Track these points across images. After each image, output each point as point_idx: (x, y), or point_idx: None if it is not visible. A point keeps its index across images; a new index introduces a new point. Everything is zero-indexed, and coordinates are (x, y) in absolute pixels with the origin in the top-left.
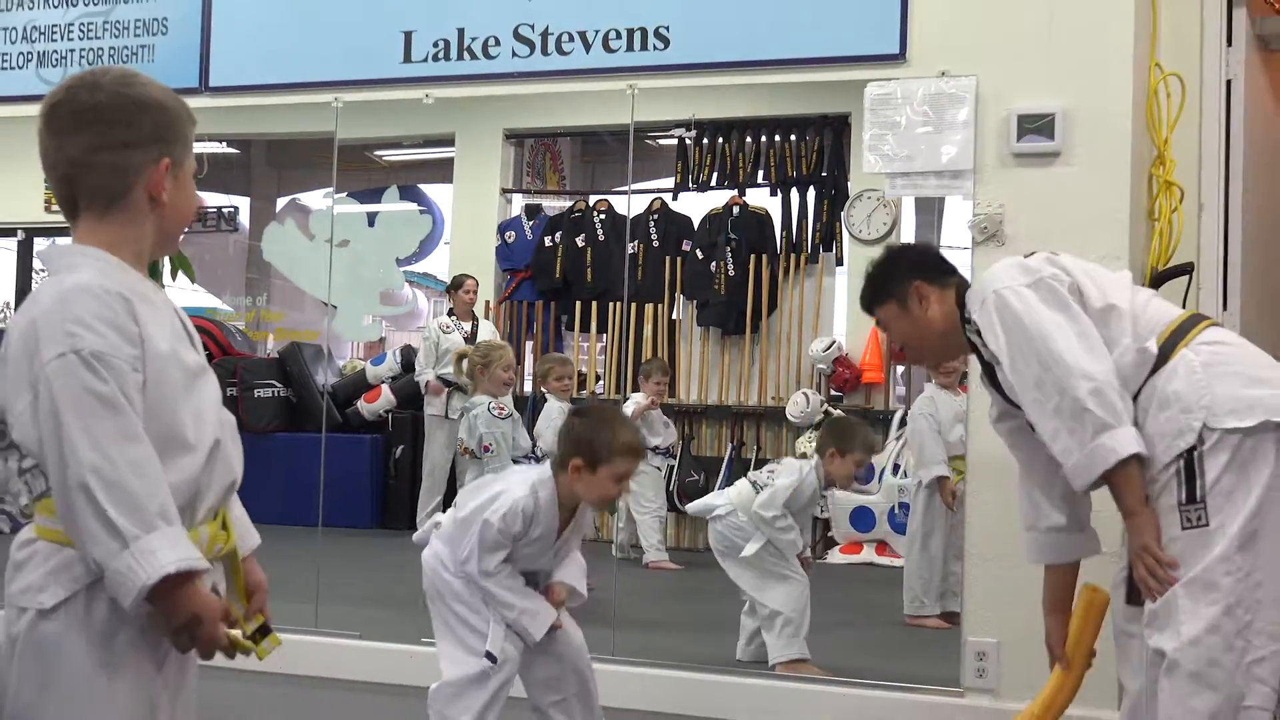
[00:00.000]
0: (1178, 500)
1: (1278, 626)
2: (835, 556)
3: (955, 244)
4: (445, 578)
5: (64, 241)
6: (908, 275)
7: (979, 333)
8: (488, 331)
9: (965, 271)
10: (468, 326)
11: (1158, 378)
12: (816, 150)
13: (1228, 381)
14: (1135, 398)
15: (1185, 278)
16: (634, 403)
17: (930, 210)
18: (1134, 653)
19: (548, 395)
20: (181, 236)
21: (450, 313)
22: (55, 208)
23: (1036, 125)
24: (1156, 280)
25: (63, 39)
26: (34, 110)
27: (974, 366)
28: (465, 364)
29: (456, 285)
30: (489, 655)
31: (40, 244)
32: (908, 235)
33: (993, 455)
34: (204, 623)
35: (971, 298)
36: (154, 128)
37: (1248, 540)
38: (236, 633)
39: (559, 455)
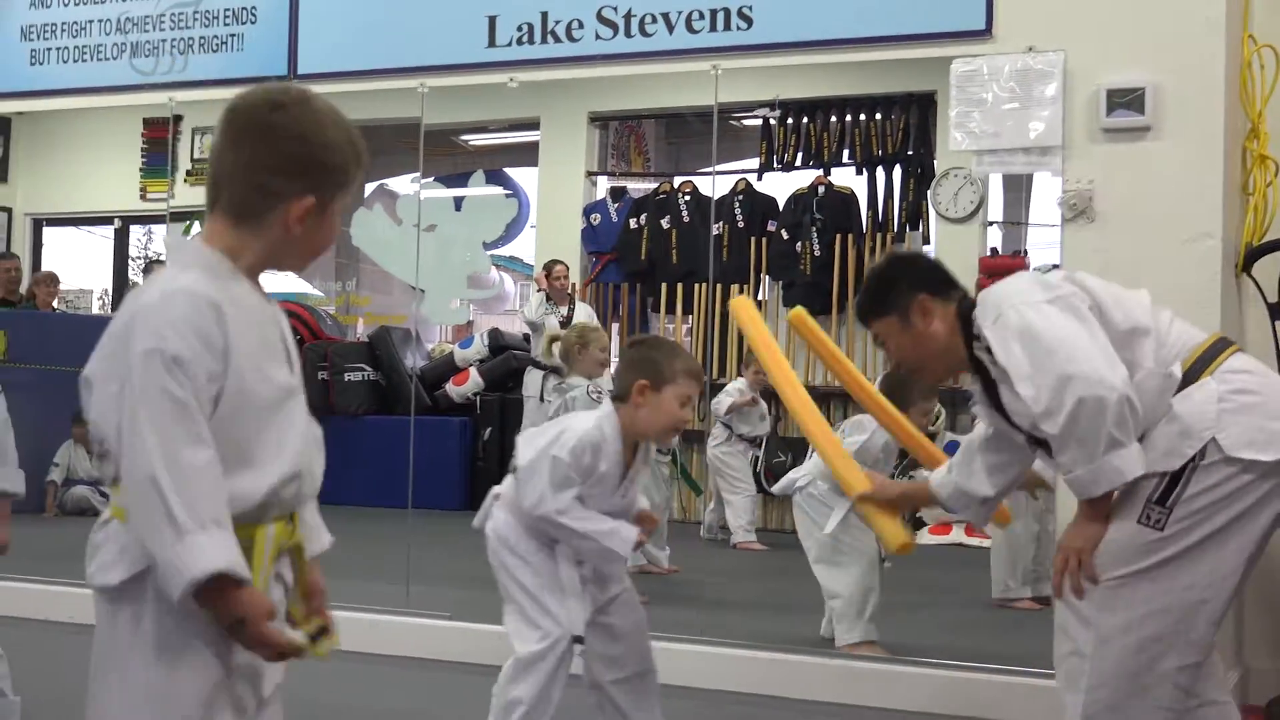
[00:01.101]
0: (1148, 496)
1: (1205, 642)
2: (925, 537)
3: (1044, 221)
4: (510, 548)
5: (179, 236)
6: (912, 289)
7: (988, 349)
8: (584, 314)
9: (1055, 252)
10: (564, 310)
11: (1179, 398)
12: (902, 128)
13: (1252, 413)
14: (1151, 413)
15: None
16: (734, 391)
17: (1018, 187)
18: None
19: None
20: (308, 266)
21: (548, 298)
22: (151, 195)
23: (1126, 99)
24: (1250, 256)
25: (155, 29)
26: (129, 100)
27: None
28: (559, 346)
29: (546, 271)
30: (577, 639)
31: (158, 231)
32: (995, 213)
33: None
34: (249, 623)
35: (983, 313)
36: (311, 165)
37: (1201, 555)
38: (296, 634)
39: (619, 387)
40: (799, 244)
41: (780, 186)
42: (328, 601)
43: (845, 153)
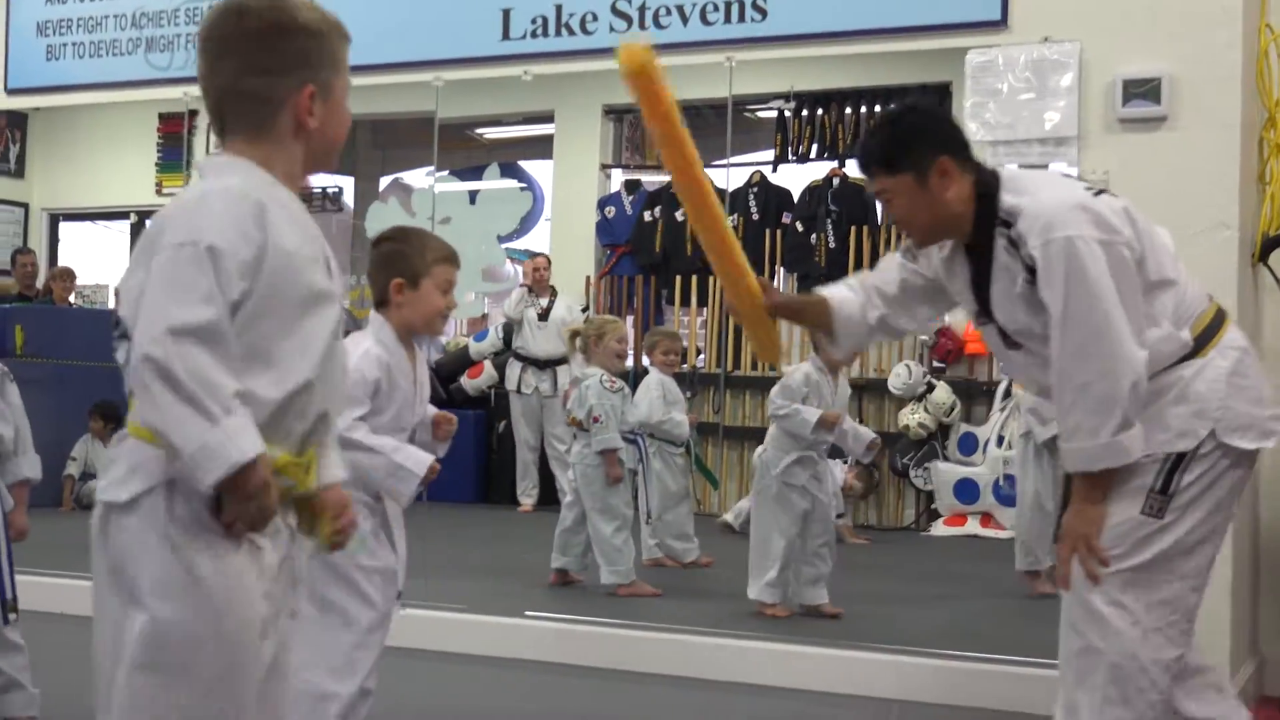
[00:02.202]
0: (1150, 485)
1: (1190, 624)
2: (939, 529)
3: None
4: None
5: (209, 157)
6: (935, 147)
7: (1028, 264)
8: (564, 306)
9: None
10: (544, 302)
11: (1185, 369)
12: None
13: (1243, 396)
14: (1153, 377)
15: None
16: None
17: None
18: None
19: (650, 368)
20: (337, 154)
21: (530, 290)
22: (167, 190)
23: (1142, 90)
24: (1268, 245)
25: (170, 24)
26: (144, 95)
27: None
28: (579, 339)
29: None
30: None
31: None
32: None
33: None
34: (268, 491)
35: (1030, 220)
36: (299, 53)
37: (1194, 546)
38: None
39: (377, 291)
40: (814, 236)
41: (795, 179)
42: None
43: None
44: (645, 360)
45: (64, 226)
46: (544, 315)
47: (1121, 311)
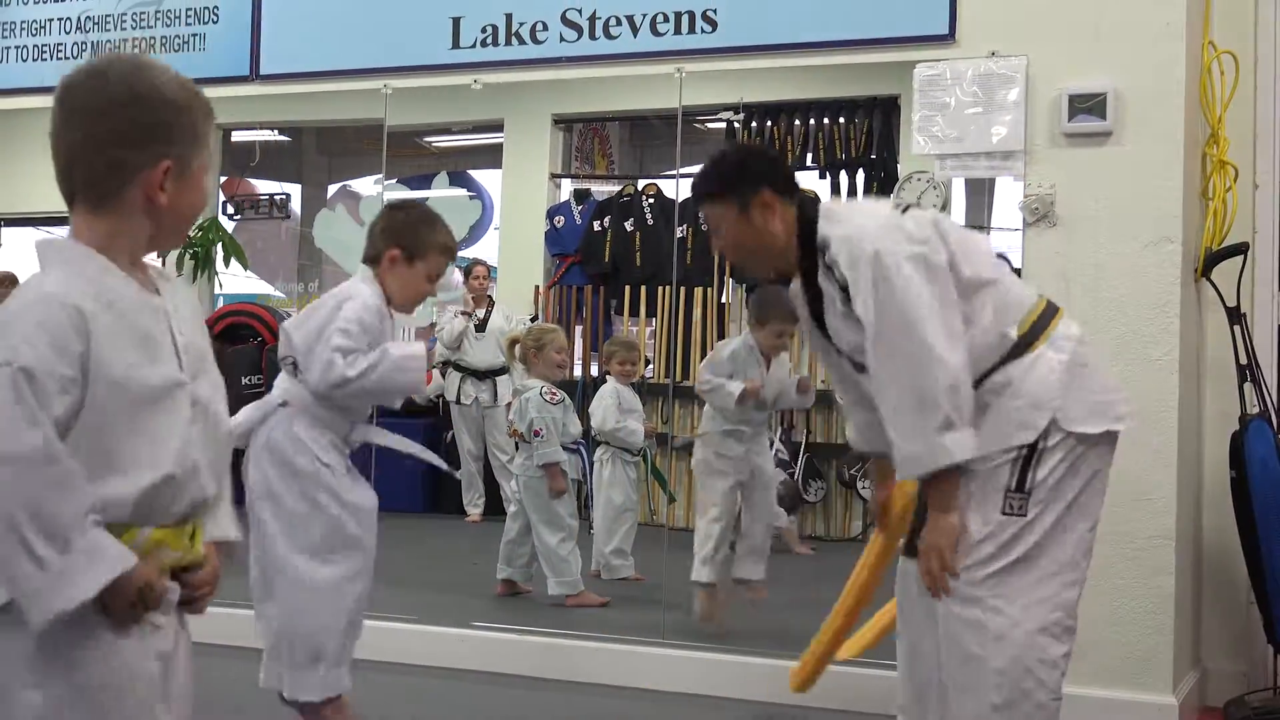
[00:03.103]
0: (1006, 486)
1: (1073, 620)
2: None
3: (1006, 225)
4: (300, 464)
5: (46, 237)
6: (757, 181)
7: (841, 284)
8: (500, 317)
9: (1017, 256)
10: (481, 313)
11: (1013, 366)
12: (866, 132)
13: (1084, 385)
14: (984, 378)
15: (1240, 258)
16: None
17: (981, 192)
18: (915, 605)
19: (609, 377)
20: (188, 232)
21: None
22: None
23: (1088, 105)
24: (1210, 260)
25: (115, 28)
26: None
27: None
28: (518, 349)
29: (466, 272)
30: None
31: (36, 235)
32: (958, 216)
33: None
34: (149, 589)
35: (840, 245)
36: (156, 127)
37: (1062, 538)
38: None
39: (371, 249)
40: None
41: None
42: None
43: (809, 156)
44: (595, 370)
45: (5, 231)
46: (481, 326)
47: (934, 316)
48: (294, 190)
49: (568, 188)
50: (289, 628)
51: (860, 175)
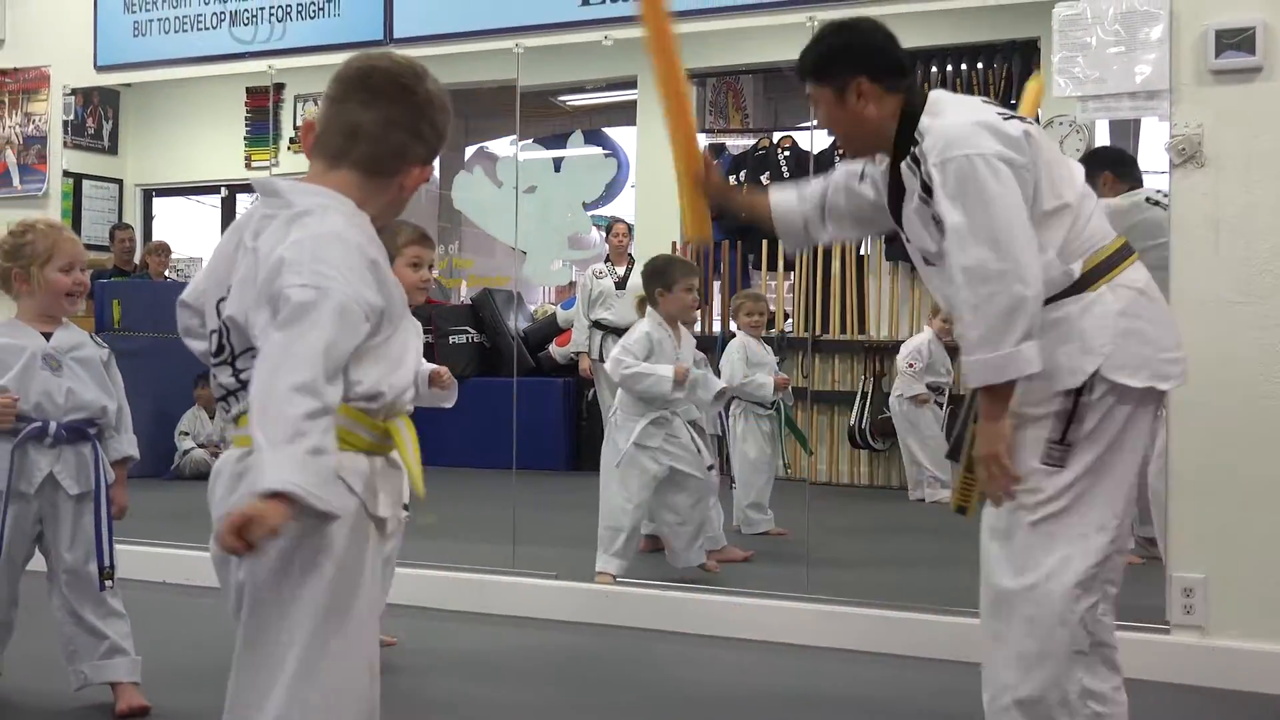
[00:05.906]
0: (1049, 436)
1: (1115, 572)
2: None
3: (1153, 168)
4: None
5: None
6: (855, 69)
7: (924, 181)
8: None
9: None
10: (621, 270)
11: (1071, 303)
12: (1004, 77)
13: (1134, 336)
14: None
15: None
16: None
17: (1125, 134)
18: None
19: (736, 331)
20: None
21: (606, 258)
22: (256, 164)
23: (1236, 40)
24: None
25: None
26: (230, 69)
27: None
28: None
29: (606, 229)
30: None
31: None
32: None
33: (1196, 398)
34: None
35: (934, 142)
36: (439, 138)
37: (1097, 490)
38: None
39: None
40: None
41: None
42: None
43: None
44: (733, 325)
45: (157, 201)
46: (621, 284)
47: (1023, 223)
48: None
49: (703, 142)
50: None
51: None
